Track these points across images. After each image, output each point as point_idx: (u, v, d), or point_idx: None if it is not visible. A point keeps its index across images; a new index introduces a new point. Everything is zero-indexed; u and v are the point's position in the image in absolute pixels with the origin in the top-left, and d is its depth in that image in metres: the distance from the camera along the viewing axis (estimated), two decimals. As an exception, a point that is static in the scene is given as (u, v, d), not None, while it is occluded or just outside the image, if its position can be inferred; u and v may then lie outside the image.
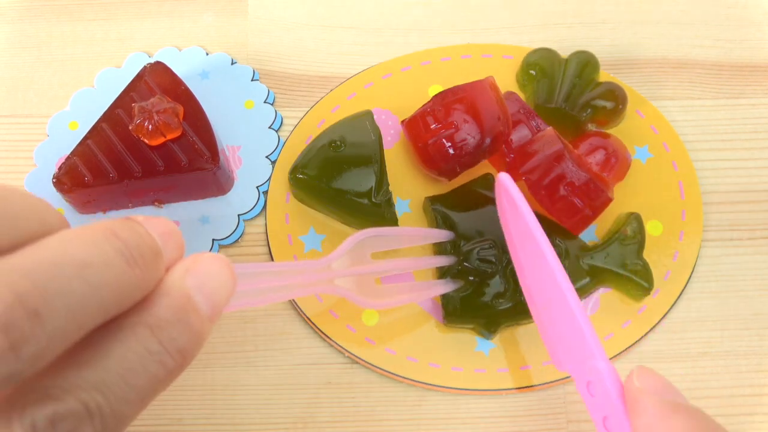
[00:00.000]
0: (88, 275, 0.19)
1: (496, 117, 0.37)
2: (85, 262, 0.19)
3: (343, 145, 0.39)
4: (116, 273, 0.20)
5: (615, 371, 0.28)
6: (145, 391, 0.20)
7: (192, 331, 0.21)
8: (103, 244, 0.20)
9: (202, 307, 0.22)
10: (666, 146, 0.41)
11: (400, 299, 0.36)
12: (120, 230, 0.20)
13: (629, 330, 0.37)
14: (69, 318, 0.18)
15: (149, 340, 0.20)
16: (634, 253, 0.38)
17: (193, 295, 0.22)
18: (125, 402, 0.20)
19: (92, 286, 0.19)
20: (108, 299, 0.19)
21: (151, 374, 0.20)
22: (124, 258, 0.20)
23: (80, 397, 0.19)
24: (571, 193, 0.36)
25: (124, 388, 0.20)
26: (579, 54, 0.42)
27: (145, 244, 0.21)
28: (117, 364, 0.20)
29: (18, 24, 0.46)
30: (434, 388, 0.37)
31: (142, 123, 0.38)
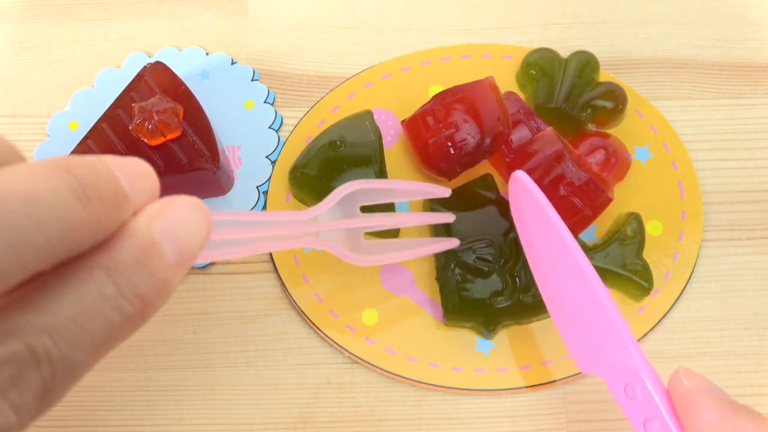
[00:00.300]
0: (32, 211, 0.17)
1: (496, 117, 0.37)
2: (30, 196, 0.17)
3: (343, 145, 0.39)
4: (65, 210, 0.18)
5: (657, 374, 0.28)
6: (100, 338, 0.19)
7: (154, 277, 0.20)
8: (53, 179, 0.18)
9: (168, 252, 0.20)
10: (666, 146, 0.41)
11: (390, 256, 0.34)
12: (75, 167, 0.19)
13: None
14: (9, 255, 0.17)
15: (105, 283, 0.19)
16: (634, 253, 0.38)
17: (158, 239, 0.20)
18: (78, 348, 0.18)
19: (36, 222, 0.17)
20: (54, 238, 0.18)
21: (107, 320, 0.19)
22: (75, 195, 0.18)
23: (26, 340, 0.17)
24: (571, 193, 0.36)
25: (77, 333, 0.18)
26: (579, 54, 0.42)
27: (105, 183, 0.19)
28: (70, 308, 0.18)
29: (18, 24, 0.46)
30: (434, 388, 0.37)
31: (142, 123, 0.38)
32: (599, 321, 0.30)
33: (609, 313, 0.29)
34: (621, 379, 0.29)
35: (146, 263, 0.20)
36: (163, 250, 0.20)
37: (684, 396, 0.26)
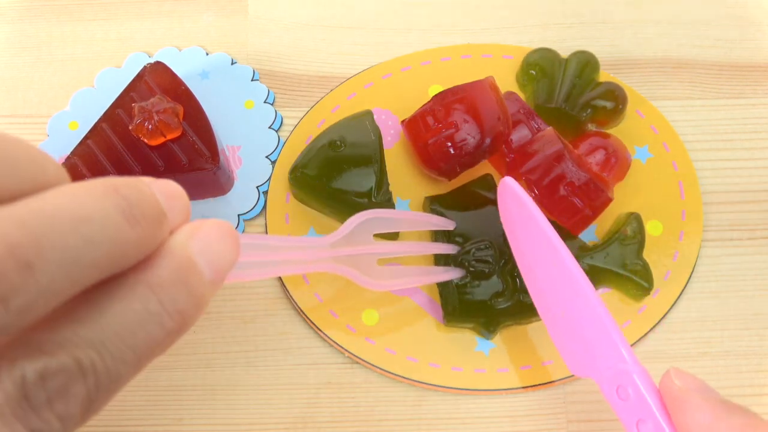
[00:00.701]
0: (84, 230, 0.18)
1: (496, 117, 0.37)
2: (82, 216, 0.18)
3: (343, 145, 0.39)
4: (114, 230, 0.19)
5: (649, 374, 0.28)
6: (142, 352, 0.20)
7: (193, 293, 0.21)
8: (102, 199, 0.19)
9: (204, 271, 0.21)
10: (666, 146, 0.41)
11: (402, 282, 0.36)
12: (122, 187, 0.20)
13: (629, 330, 0.37)
14: (62, 272, 0.18)
15: (149, 299, 0.20)
16: (634, 253, 0.38)
17: (195, 258, 0.21)
18: (121, 361, 0.19)
19: (88, 241, 0.18)
20: (104, 256, 0.19)
21: (150, 334, 0.20)
22: (123, 215, 0.19)
23: (73, 353, 0.18)
24: (571, 193, 0.36)
25: (121, 347, 0.19)
26: (579, 54, 0.42)
27: (148, 204, 0.20)
28: (114, 323, 0.19)
29: (18, 24, 0.46)
30: (434, 388, 0.37)
31: (142, 123, 0.38)
32: (590, 323, 0.30)
33: (599, 315, 0.30)
34: (613, 381, 0.29)
35: (186, 281, 0.21)
36: (200, 268, 0.21)
37: (675, 396, 0.26)
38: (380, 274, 0.35)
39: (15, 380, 0.17)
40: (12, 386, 0.17)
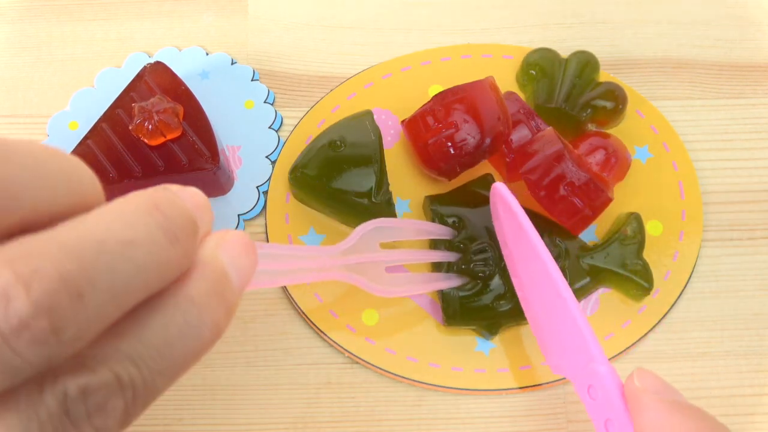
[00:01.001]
0: (132, 255, 0.18)
1: (496, 117, 0.37)
2: (128, 240, 0.18)
3: (343, 145, 0.39)
4: (159, 251, 0.19)
5: (616, 374, 0.28)
6: (180, 364, 0.20)
7: (227, 304, 0.21)
8: (146, 219, 0.19)
9: (234, 280, 0.22)
10: (666, 146, 0.41)
11: (409, 289, 0.36)
12: (162, 204, 0.20)
13: (629, 330, 0.37)
14: (112, 299, 0.18)
15: (189, 312, 0.20)
16: (634, 253, 0.38)
17: (227, 268, 0.21)
18: (158, 374, 0.19)
19: (136, 265, 0.18)
20: (151, 278, 0.19)
21: (188, 348, 0.20)
22: (166, 236, 0.19)
23: (113, 368, 0.18)
24: (571, 193, 0.36)
25: (159, 360, 0.19)
26: (579, 54, 0.42)
27: (185, 219, 0.20)
28: (154, 337, 0.19)
29: (18, 24, 0.46)
30: (434, 388, 0.37)
31: (142, 123, 0.38)
32: (566, 324, 0.31)
33: (573, 315, 0.30)
34: (585, 381, 0.30)
35: (220, 291, 0.21)
36: (231, 278, 0.21)
37: (634, 396, 0.27)
38: (389, 282, 0.35)
39: (57, 396, 0.18)
40: (54, 402, 0.17)
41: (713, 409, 0.36)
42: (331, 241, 0.39)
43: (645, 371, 0.28)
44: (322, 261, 0.32)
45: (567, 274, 0.37)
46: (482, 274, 0.37)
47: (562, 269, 0.37)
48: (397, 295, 0.36)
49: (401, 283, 0.36)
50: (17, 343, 0.16)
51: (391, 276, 0.36)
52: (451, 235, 0.38)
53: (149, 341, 0.19)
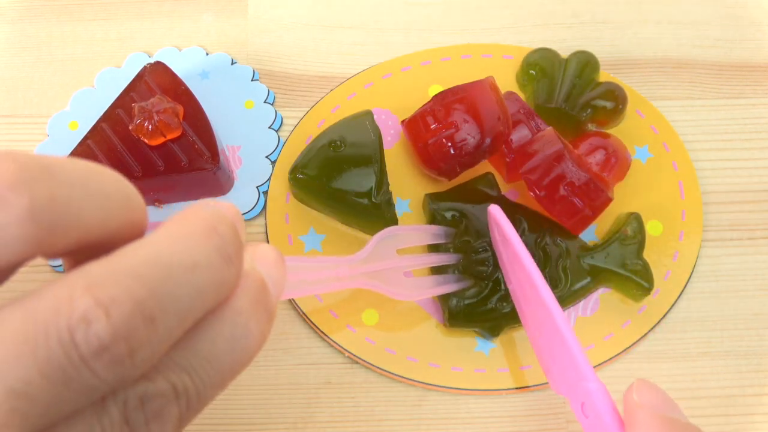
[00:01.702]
0: (195, 278, 0.19)
1: (496, 117, 0.37)
2: (191, 263, 0.19)
3: (343, 145, 0.39)
4: (217, 273, 0.20)
5: (606, 391, 0.28)
6: (228, 374, 0.21)
7: (268, 313, 0.22)
8: (206, 242, 0.20)
9: (272, 290, 0.23)
10: (666, 146, 0.41)
11: (427, 292, 0.36)
12: (219, 226, 0.21)
13: (629, 330, 0.37)
14: (178, 321, 0.19)
15: (237, 324, 0.21)
16: (634, 253, 0.38)
17: (266, 279, 0.22)
18: (210, 384, 0.20)
19: (199, 288, 0.19)
20: (210, 298, 0.20)
21: (237, 357, 0.21)
22: (223, 258, 0.20)
23: (170, 378, 0.19)
24: (571, 193, 0.36)
25: (211, 371, 0.20)
26: (579, 54, 0.42)
27: (236, 238, 0.21)
28: (206, 348, 0.20)
29: (18, 24, 0.46)
30: (434, 388, 0.37)
31: (142, 123, 0.38)
32: (557, 342, 0.31)
33: (562, 333, 0.30)
34: (578, 398, 0.30)
35: (263, 302, 0.22)
36: (269, 288, 0.22)
37: (630, 410, 0.27)
38: (408, 286, 0.36)
39: (119, 405, 0.18)
40: (116, 411, 0.18)
41: (713, 409, 0.36)
42: (331, 241, 0.39)
43: (644, 383, 0.27)
44: (343, 270, 0.33)
45: (568, 274, 0.37)
46: (484, 273, 0.37)
47: (563, 269, 0.37)
48: (418, 298, 0.36)
49: (420, 286, 0.36)
50: (96, 364, 0.17)
51: (411, 280, 0.36)
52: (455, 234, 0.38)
53: (202, 353, 0.20)
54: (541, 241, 0.38)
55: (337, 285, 0.33)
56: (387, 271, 0.35)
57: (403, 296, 0.35)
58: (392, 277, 0.35)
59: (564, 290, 0.37)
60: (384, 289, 0.35)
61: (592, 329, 0.37)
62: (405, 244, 0.37)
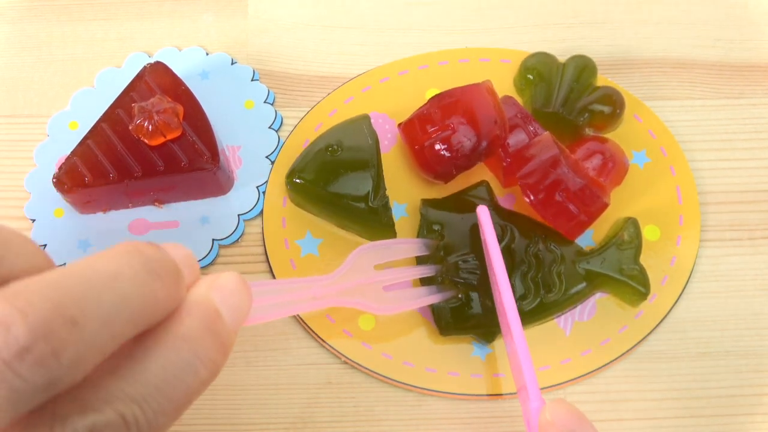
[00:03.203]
0: (117, 286, 0.20)
1: (492, 120, 0.37)
2: (113, 273, 0.20)
3: (340, 149, 0.39)
4: (143, 284, 0.20)
5: (544, 404, 0.30)
6: (180, 402, 0.21)
7: (221, 342, 0.22)
8: (128, 258, 0.21)
9: (227, 319, 0.23)
10: (663, 151, 0.41)
11: (407, 305, 0.36)
12: (142, 247, 0.21)
13: (626, 335, 0.37)
14: (103, 327, 0.19)
15: (185, 352, 0.21)
16: (630, 258, 0.38)
17: (219, 307, 0.23)
18: (161, 413, 0.20)
19: (122, 296, 0.20)
20: (137, 310, 0.20)
21: (187, 385, 0.21)
22: (148, 272, 0.21)
23: (118, 408, 0.19)
24: (566, 199, 0.36)
25: (161, 399, 0.20)
26: (576, 58, 0.42)
27: (167, 261, 0.22)
28: (154, 377, 0.20)
29: (18, 24, 0.46)
30: (430, 393, 0.37)
31: (142, 123, 0.38)
32: (515, 354, 0.32)
33: (516, 348, 0.31)
34: (526, 411, 0.31)
35: (214, 329, 0.22)
36: (224, 316, 0.23)
37: (543, 428, 0.28)
38: (387, 300, 0.36)
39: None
40: None
41: (713, 409, 0.36)
42: (328, 245, 0.39)
43: (559, 404, 0.29)
44: (318, 290, 0.33)
45: (563, 279, 0.37)
46: (461, 282, 0.37)
47: (557, 274, 0.37)
48: (397, 311, 0.36)
49: (400, 299, 0.36)
50: (20, 366, 0.18)
51: (390, 294, 0.36)
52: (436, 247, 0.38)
53: (151, 381, 0.21)
54: (533, 248, 0.38)
55: (314, 304, 0.33)
56: (365, 287, 0.35)
57: (382, 310, 0.35)
58: (371, 292, 0.35)
59: (559, 295, 0.37)
60: (362, 304, 0.35)
61: (589, 334, 0.37)
62: (383, 258, 0.36)
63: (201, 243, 0.39)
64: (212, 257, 0.39)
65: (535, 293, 0.37)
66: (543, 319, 0.37)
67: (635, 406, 0.37)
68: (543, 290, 0.37)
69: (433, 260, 0.38)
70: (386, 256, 0.37)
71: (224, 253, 0.40)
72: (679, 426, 0.36)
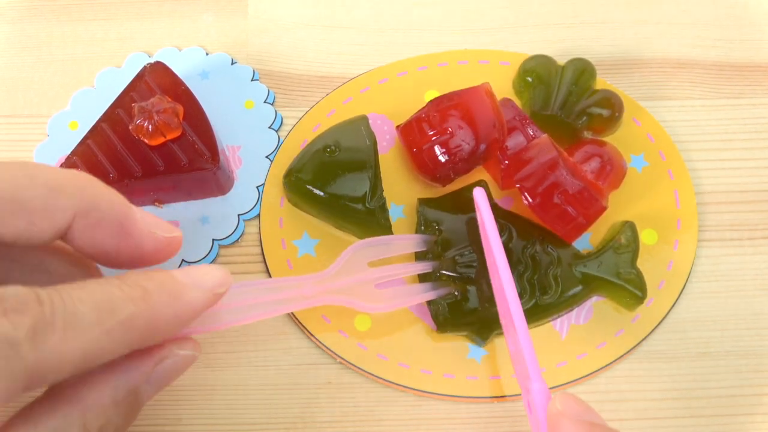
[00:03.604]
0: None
1: (491, 123, 0.37)
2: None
3: (337, 150, 0.39)
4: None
5: (547, 393, 0.30)
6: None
7: (156, 277, 0.25)
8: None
9: (177, 274, 0.25)
10: (662, 154, 0.41)
11: (399, 302, 0.36)
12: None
13: (622, 339, 0.37)
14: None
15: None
16: (627, 261, 0.38)
17: (173, 273, 0.25)
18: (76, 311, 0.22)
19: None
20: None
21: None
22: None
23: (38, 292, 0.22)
24: (564, 202, 0.36)
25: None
26: (575, 61, 0.42)
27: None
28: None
29: (18, 24, 0.46)
30: (425, 395, 0.37)
31: (142, 123, 0.38)
32: (515, 337, 0.32)
33: (516, 327, 0.31)
34: (526, 395, 0.31)
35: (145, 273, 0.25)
36: (172, 272, 0.26)
37: (553, 418, 0.28)
38: (379, 298, 0.35)
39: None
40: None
41: (713, 409, 0.36)
42: (325, 245, 0.39)
43: (568, 395, 0.29)
44: (310, 287, 0.33)
45: (559, 282, 0.37)
46: (459, 277, 0.37)
47: (554, 277, 0.37)
48: (389, 309, 0.36)
49: (393, 297, 0.36)
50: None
51: (383, 292, 0.36)
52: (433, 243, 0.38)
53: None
54: (530, 249, 0.38)
55: (304, 303, 0.33)
56: (356, 285, 0.35)
57: (374, 309, 0.35)
58: (362, 290, 0.35)
59: (555, 297, 0.37)
60: (353, 303, 0.34)
61: (585, 337, 0.37)
62: (378, 255, 0.36)
63: (201, 243, 0.39)
64: (212, 257, 0.39)
65: (531, 294, 0.37)
66: (538, 321, 0.37)
67: (635, 406, 0.37)
68: (539, 292, 0.37)
69: (431, 256, 0.38)
70: (381, 252, 0.36)
71: (224, 253, 0.40)
72: (679, 426, 0.36)
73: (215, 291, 0.26)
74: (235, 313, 0.30)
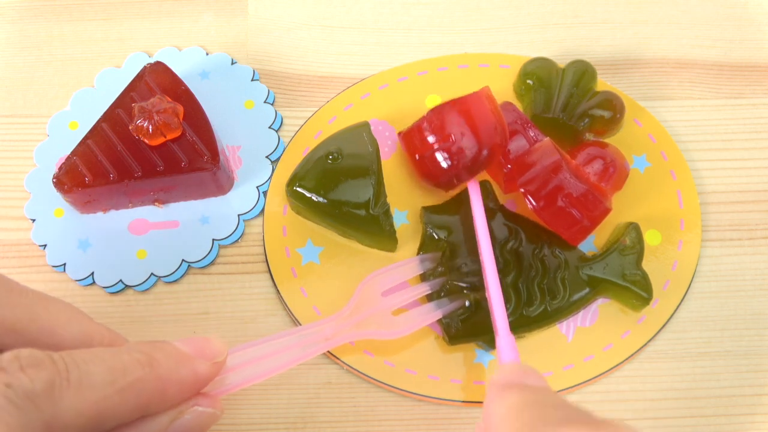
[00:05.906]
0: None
1: (492, 128, 0.37)
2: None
3: (340, 157, 0.39)
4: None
5: (513, 349, 0.32)
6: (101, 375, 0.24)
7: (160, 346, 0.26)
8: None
9: (180, 344, 0.27)
10: (664, 155, 0.41)
11: (418, 323, 0.36)
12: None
13: (629, 340, 0.37)
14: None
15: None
16: (633, 263, 0.38)
17: (175, 344, 0.27)
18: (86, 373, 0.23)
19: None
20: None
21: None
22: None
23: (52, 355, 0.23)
24: (569, 204, 0.36)
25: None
26: (576, 63, 0.42)
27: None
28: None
29: (18, 24, 0.46)
30: (432, 400, 0.37)
31: (142, 123, 0.38)
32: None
33: (488, 288, 0.34)
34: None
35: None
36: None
37: (487, 388, 0.30)
38: (397, 324, 0.36)
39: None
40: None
41: (713, 409, 0.36)
42: (329, 253, 0.39)
43: (509, 364, 0.31)
44: (328, 330, 0.34)
45: (566, 285, 0.37)
46: (467, 286, 0.37)
47: (562, 280, 0.37)
48: (409, 332, 0.36)
49: (410, 320, 0.36)
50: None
51: (401, 318, 0.36)
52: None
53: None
54: (539, 252, 0.38)
55: (326, 345, 0.34)
56: (374, 316, 0.35)
57: (395, 335, 0.36)
58: (380, 320, 0.35)
59: (563, 301, 0.37)
60: (374, 334, 0.35)
61: (591, 340, 0.37)
62: (389, 284, 0.37)
63: (201, 243, 0.39)
64: (212, 257, 0.39)
65: (541, 300, 0.37)
66: (546, 325, 0.37)
67: (635, 406, 0.37)
68: (548, 296, 0.37)
69: (436, 273, 0.38)
70: (390, 280, 0.37)
71: (224, 253, 0.40)
72: (679, 426, 0.36)
73: (215, 360, 0.28)
74: (264, 365, 0.32)
